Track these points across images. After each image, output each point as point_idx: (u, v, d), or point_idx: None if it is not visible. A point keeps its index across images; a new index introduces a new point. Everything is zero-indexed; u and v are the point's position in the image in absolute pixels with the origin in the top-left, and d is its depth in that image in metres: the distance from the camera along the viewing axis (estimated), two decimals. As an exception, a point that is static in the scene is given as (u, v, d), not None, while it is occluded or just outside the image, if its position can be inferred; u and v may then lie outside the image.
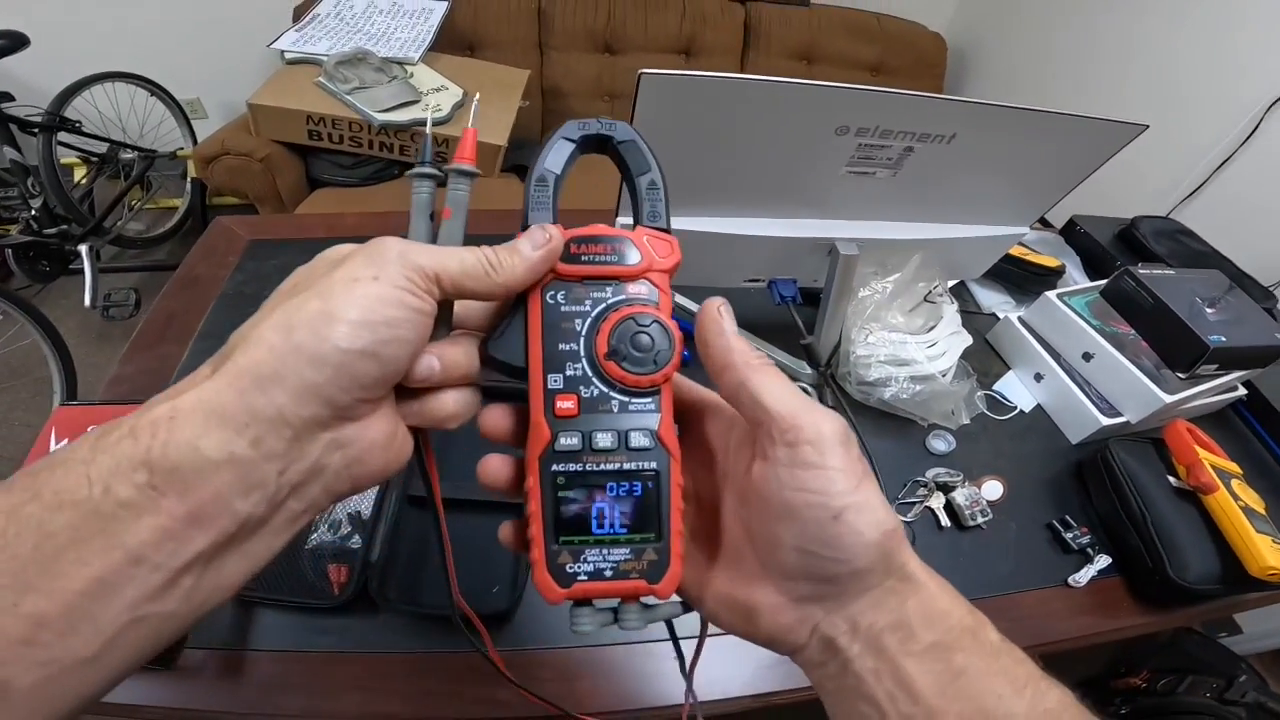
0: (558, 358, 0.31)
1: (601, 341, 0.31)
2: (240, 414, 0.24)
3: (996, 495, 0.85)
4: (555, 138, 0.34)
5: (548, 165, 0.33)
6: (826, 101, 0.63)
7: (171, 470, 0.23)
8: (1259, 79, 1.71)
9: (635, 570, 0.31)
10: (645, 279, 0.32)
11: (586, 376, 0.31)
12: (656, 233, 0.33)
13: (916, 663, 0.27)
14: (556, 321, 0.31)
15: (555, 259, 0.31)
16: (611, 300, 0.32)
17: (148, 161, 2.38)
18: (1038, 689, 0.27)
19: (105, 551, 0.22)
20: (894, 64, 2.61)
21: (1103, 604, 0.79)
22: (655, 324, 0.31)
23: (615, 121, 0.34)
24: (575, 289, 0.32)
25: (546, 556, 0.30)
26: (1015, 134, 0.72)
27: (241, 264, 1.07)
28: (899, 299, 0.87)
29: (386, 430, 0.29)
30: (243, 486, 0.24)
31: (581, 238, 0.32)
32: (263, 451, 0.25)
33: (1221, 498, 0.78)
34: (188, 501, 0.23)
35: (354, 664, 0.63)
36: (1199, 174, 1.85)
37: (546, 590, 0.30)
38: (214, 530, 0.24)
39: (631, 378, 0.31)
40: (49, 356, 1.76)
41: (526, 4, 2.33)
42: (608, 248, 0.32)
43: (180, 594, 0.24)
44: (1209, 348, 0.83)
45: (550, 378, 0.31)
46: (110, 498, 0.22)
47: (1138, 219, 1.27)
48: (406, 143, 1.96)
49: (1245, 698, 1.26)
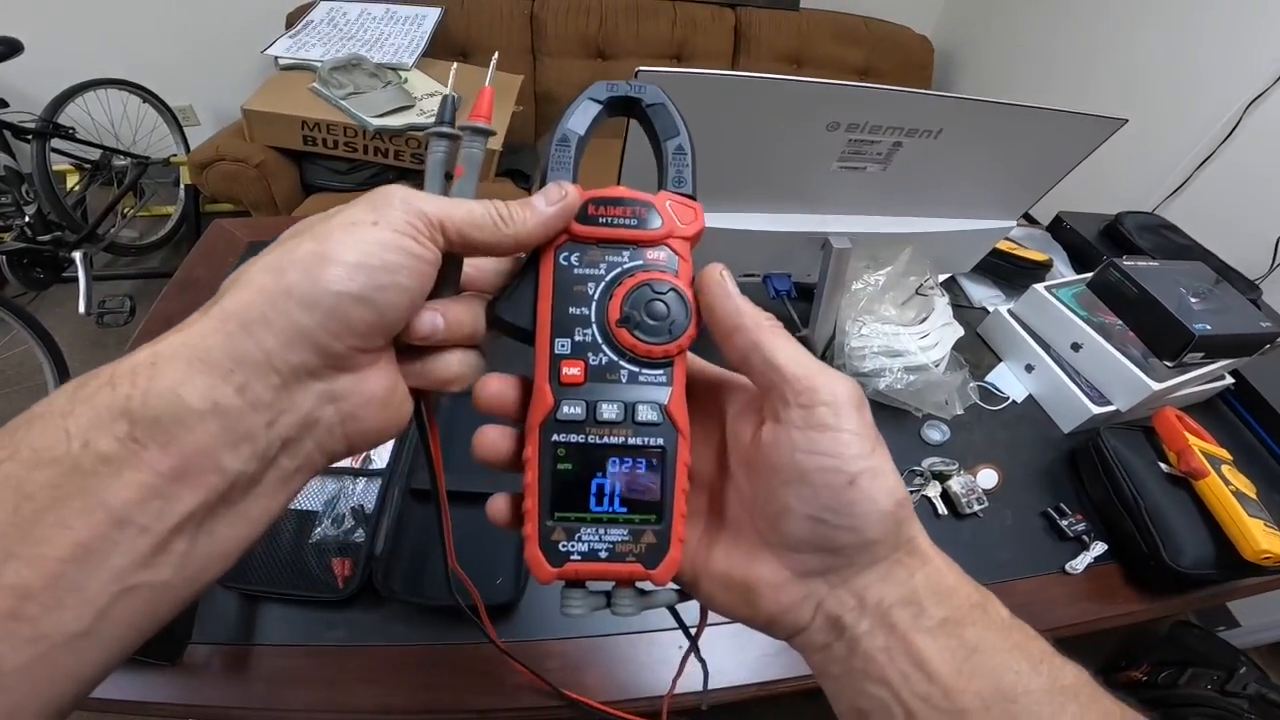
0: (567, 321, 0.29)
1: (614, 307, 0.29)
2: (225, 359, 0.23)
3: (992, 484, 0.87)
4: (581, 99, 0.32)
5: (571, 125, 0.32)
6: (817, 97, 0.65)
7: (153, 420, 0.21)
8: (1238, 77, 1.74)
9: (632, 553, 0.29)
10: (665, 245, 0.30)
11: (596, 343, 0.29)
12: (681, 198, 0.31)
13: (930, 639, 0.26)
14: (568, 284, 0.30)
15: (569, 217, 0.30)
16: (628, 265, 0.30)
17: (141, 168, 2.38)
18: (1053, 665, 0.27)
19: (86, 512, 0.20)
20: (882, 66, 2.64)
21: (1101, 590, 0.80)
22: (672, 292, 0.29)
23: (645, 84, 0.33)
24: (590, 251, 0.30)
25: (540, 532, 0.29)
26: (999, 129, 0.73)
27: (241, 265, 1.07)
28: (891, 291, 0.89)
29: (385, 385, 0.28)
30: (230, 438, 0.23)
31: (601, 199, 0.30)
32: (249, 400, 0.23)
33: (1212, 482, 0.79)
34: (171, 454, 0.21)
35: (361, 657, 0.64)
36: (1182, 171, 1.89)
37: (537, 567, 0.29)
38: (202, 488, 0.22)
39: (643, 347, 0.29)
40: (44, 364, 1.75)
41: (519, 10, 2.35)
42: (627, 210, 0.30)
43: (173, 561, 0.22)
44: (1194, 336, 0.85)
45: (557, 342, 0.29)
46: (89, 452, 0.20)
47: (1122, 214, 1.29)
48: (401, 148, 1.96)
49: (1246, 689, 1.27)
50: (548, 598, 0.70)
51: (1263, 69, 1.68)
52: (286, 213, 1.98)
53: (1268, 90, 1.68)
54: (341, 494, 0.72)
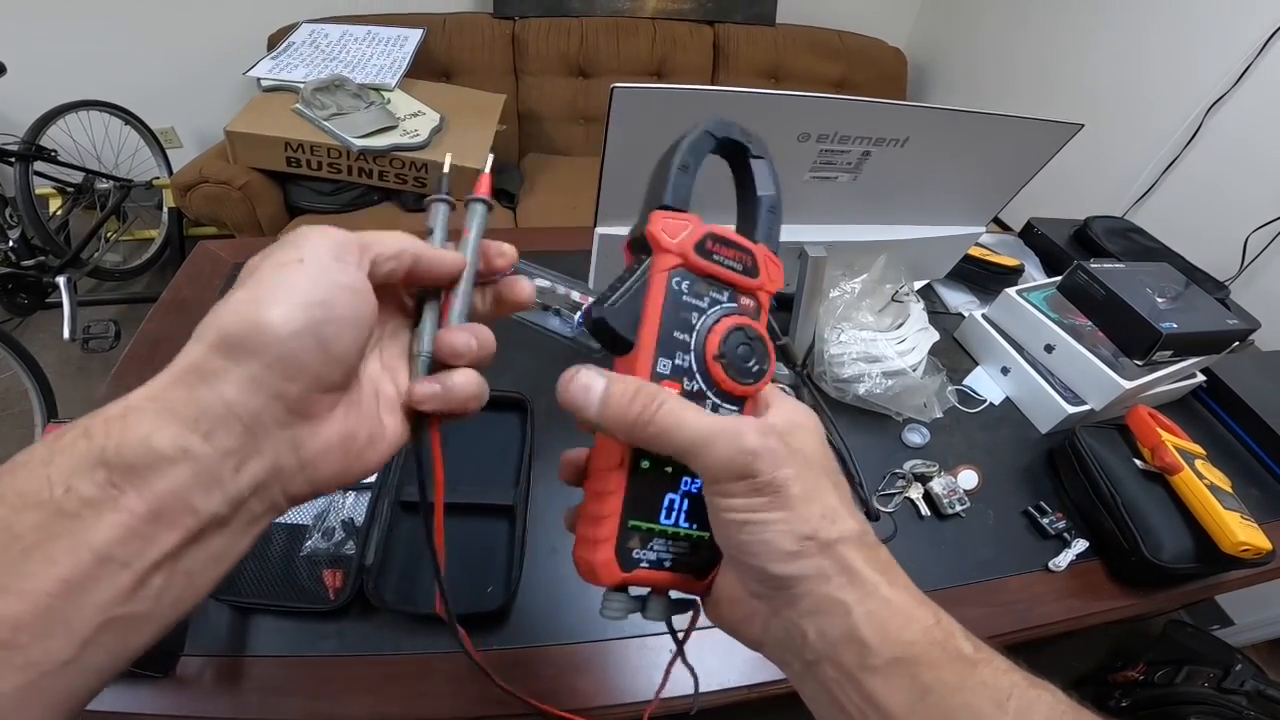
0: (671, 344, 0.31)
1: (713, 342, 0.31)
2: (189, 409, 0.24)
3: (973, 484, 0.88)
4: (699, 131, 0.34)
5: (689, 154, 0.33)
6: (786, 109, 0.67)
7: (129, 467, 0.23)
8: (1196, 83, 1.80)
9: (688, 565, 0.32)
10: (756, 294, 0.33)
11: (692, 370, 0.31)
12: (771, 256, 0.34)
13: (880, 680, 0.26)
14: (676, 309, 0.31)
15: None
16: (727, 305, 0.32)
17: (124, 191, 2.38)
18: (1024, 699, 0.26)
19: (72, 551, 0.21)
20: (857, 79, 2.69)
21: (1085, 587, 0.81)
22: (759, 340, 0.32)
23: (755, 135, 0.35)
24: (699, 284, 0.32)
25: (618, 537, 0.30)
26: (962, 136, 0.76)
27: (227, 287, 1.08)
28: (868, 298, 0.91)
29: (343, 432, 0.29)
30: (201, 482, 0.24)
31: (718, 237, 0.32)
32: (216, 447, 0.24)
33: (1187, 477, 0.81)
34: (147, 498, 0.23)
35: (353, 667, 0.64)
36: (1148, 176, 1.94)
37: (607, 569, 0.30)
38: (178, 529, 0.24)
39: (730, 383, 0.32)
40: (30, 389, 1.74)
41: (500, 30, 2.38)
42: (737, 255, 0.32)
43: (151, 595, 0.23)
44: (1162, 334, 0.88)
45: (660, 360, 0.31)
46: (73, 496, 0.22)
47: (1090, 219, 1.32)
48: (385, 168, 1.97)
49: (1244, 686, 1.28)
50: (539, 605, 0.71)
51: (1220, 75, 1.74)
52: (272, 235, 1.98)
53: (1225, 95, 1.74)
54: (331, 507, 0.73)
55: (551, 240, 1.24)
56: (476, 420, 0.37)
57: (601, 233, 0.78)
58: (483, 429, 0.84)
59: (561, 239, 1.23)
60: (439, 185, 0.36)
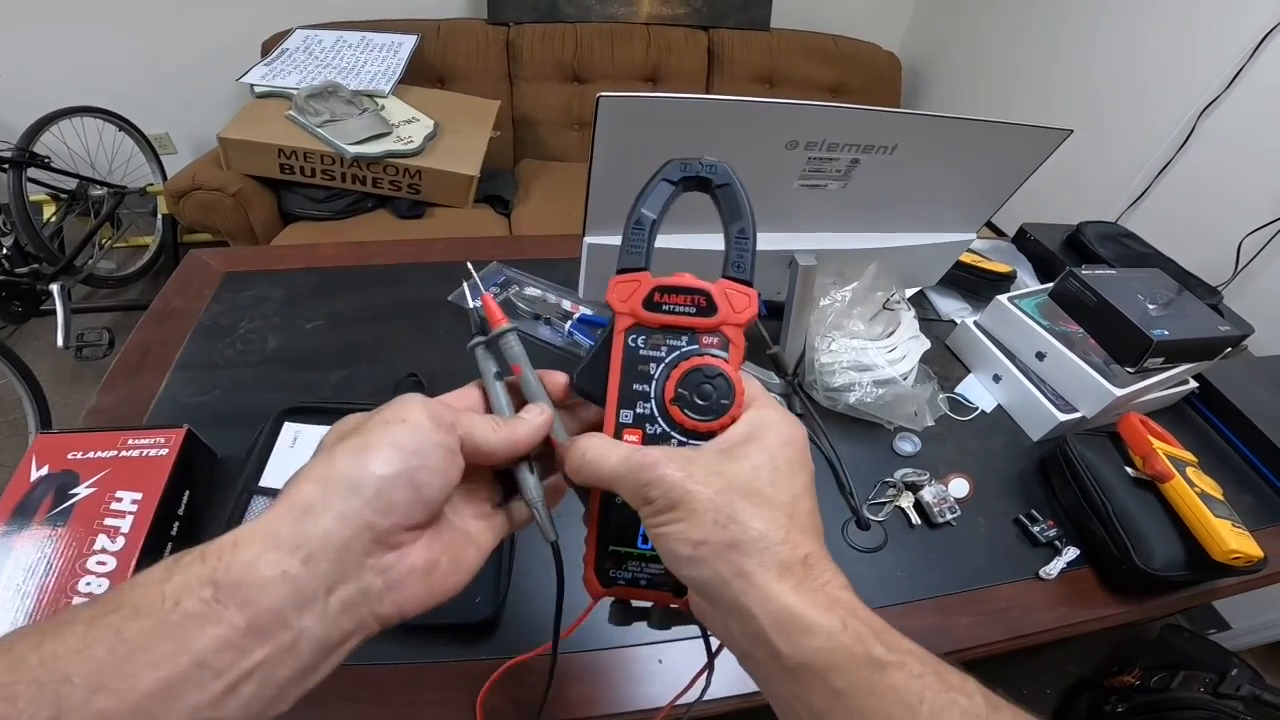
0: (631, 396, 0.35)
1: (670, 387, 0.34)
2: (292, 538, 0.28)
3: (963, 493, 0.88)
4: (657, 180, 0.37)
5: (645, 209, 0.36)
6: (773, 117, 0.67)
7: (234, 586, 0.26)
8: (1189, 86, 1.80)
9: (666, 584, 0.35)
10: (719, 331, 0.35)
11: (653, 416, 0.35)
12: (738, 286, 0.35)
13: (796, 682, 0.28)
14: (634, 363, 0.35)
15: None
16: (684, 350, 0.35)
17: (118, 198, 2.38)
18: (936, 703, 0.27)
19: (172, 656, 0.24)
20: (852, 84, 2.69)
21: (1076, 595, 0.81)
22: (720, 377, 0.34)
23: (717, 163, 0.36)
24: (654, 335, 0.35)
25: (595, 559, 0.36)
26: (950, 142, 0.76)
27: (217, 296, 1.08)
28: (858, 307, 0.91)
29: (427, 559, 0.33)
30: (296, 601, 0.27)
31: (666, 287, 0.35)
32: (312, 570, 0.28)
33: (1178, 485, 0.80)
34: (247, 613, 0.26)
35: (343, 676, 0.62)
36: (1141, 180, 1.94)
37: (590, 585, 0.36)
38: (271, 642, 0.26)
39: (691, 423, 0.34)
40: (24, 397, 1.74)
41: (495, 36, 2.38)
42: (688, 299, 0.35)
43: (239, 703, 0.26)
44: (1153, 341, 0.88)
45: (622, 412, 0.35)
46: (180, 610, 0.25)
47: (1083, 224, 1.32)
48: (379, 175, 1.97)
49: (1240, 691, 1.27)
50: (528, 616, 0.70)
51: (1212, 77, 1.74)
52: (265, 242, 1.98)
53: (1218, 98, 1.74)
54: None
55: (545, 248, 1.24)
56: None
57: (590, 242, 0.78)
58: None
59: (555, 246, 1.23)
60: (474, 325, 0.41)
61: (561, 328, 1.04)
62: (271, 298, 1.08)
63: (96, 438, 0.69)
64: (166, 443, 0.70)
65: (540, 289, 1.12)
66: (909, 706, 0.26)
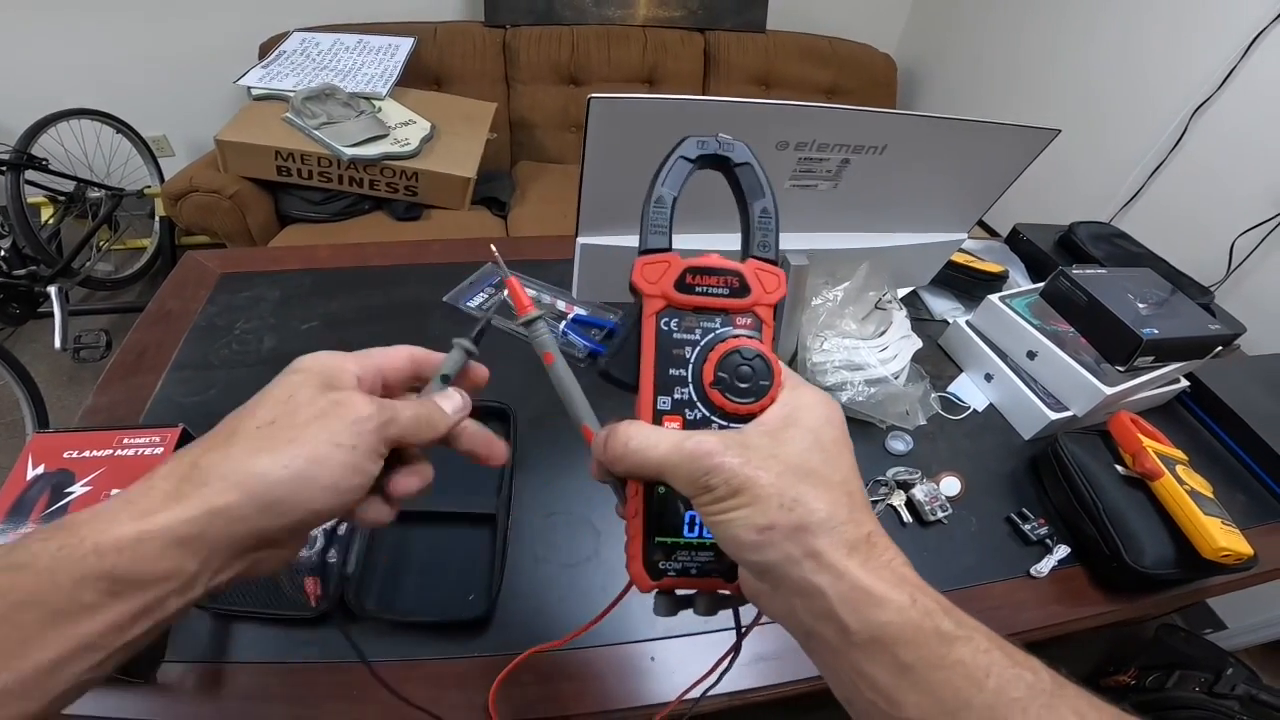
0: (668, 381, 0.34)
1: (708, 371, 0.33)
2: (201, 545, 0.29)
3: (955, 491, 0.88)
4: (674, 157, 0.35)
5: (665, 187, 0.35)
6: (763, 118, 0.67)
7: (130, 580, 0.27)
8: (1181, 86, 1.81)
9: (716, 570, 0.34)
10: (752, 311, 0.35)
11: (692, 401, 0.34)
12: (766, 265, 0.35)
13: (863, 656, 0.28)
14: (668, 348, 0.34)
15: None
16: (720, 332, 0.34)
17: (115, 200, 2.38)
18: (1003, 677, 0.27)
19: (62, 640, 0.26)
20: (848, 85, 2.70)
21: (1067, 593, 0.81)
22: (758, 358, 0.33)
23: (735, 141, 0.36)
24: (687, 318, 0.34)
25: (644, 553, 0.34)
26: (939, 143, 0.76)
27: (214, 297, 1.08)
28: (850, 306, 0.91)
29: (297, 545, 0.35)
30: (181, 590, 0.29)
31: (697, 268, 0.34)
32: (205, 566, 0.29)
33: (1167, 483, 0.81)
34: (136, 603, 0.28)
35: (334, 673, 0.64)
36: (1135, 180, 1.94)
37: (639, 580, 0.35)
38: (151, 620, 0.28)
39: (732, 406, 0.33)
40: (21, 399, 1.74)
41: (491, 39, 2.39)
42: (719, 280, 0.34)
43: (114, 662, 0.28)
44: (1143, 340, 0.88)
45: (660, 399, 0.34)
46: (74, 602, 0.26)
47: (1075, 224, 1.33)
48: (376, 177, 1.98)
49: (1235, 690, 1.27)
50: (521, 612, 0.71)
51: (1204, 78, 1.75)
52: (262, 244, 1.98)
53: (1210, 98, 1.75)
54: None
55: (541, 249, 1.24)
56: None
57: (583, 243, 0.78)
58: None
59: (551, 247, 1.24)
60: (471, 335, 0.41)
61: (556, 328, 1.04)
62: (268, 299, 1.08)
63: (92, 437, 0.70)
64: (162, 442, 0.70)
65: (535, 289, 1.12)
66: (975, 680, 0.27)
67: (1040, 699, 0.27)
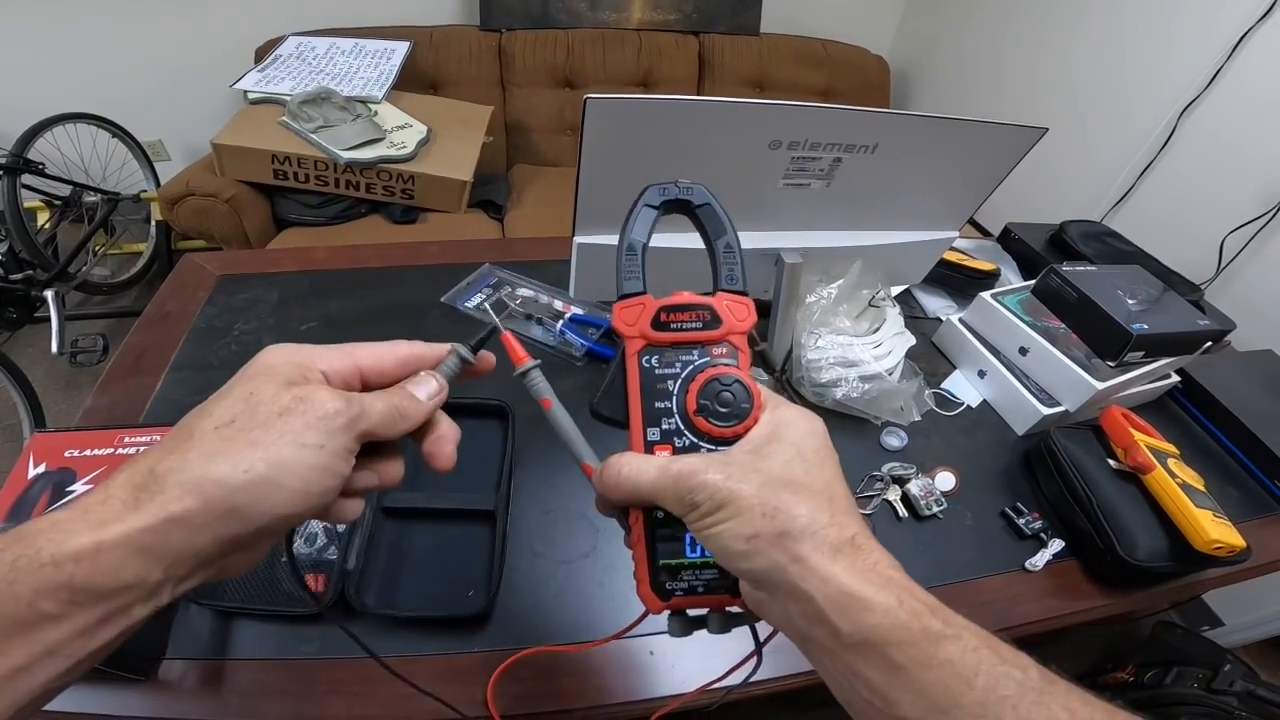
0: (654, 414, 0.36)
1: (691, 400, 0.36)
2: (163, 554, 0.28)
3: (949, 486, 0.89)
4: (639, 206, 0.38)
5: (635, 235, 0.38)
6: (756, 118, 0.68)
7: (92, 591, 0.27)
8: (1169, 86, 1.83)
9: (721, 586, 0.36)
10: (727, 341, 0.37)
11: (680, 429, 0.36)
12: (734, 296, 0.37)
13: (855, 656, 0.29)
14: (652, 383, 0.36)
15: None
16: (698, 363, 0.37)
17: (111, 204, 2.37)
18: (991, 675, 0.28)
19: (25, 647, 0.26)
20: (841, 87, 2.72)
21: (1062, 586, 0.82)
22: (737, 383, 0.35)
23: (693, 185, 0.39)
24: (666, 353, 0.37)
25: (650, 576, 0.36)
26: (929, 141, 0.77)
27: (212, 298, 1.09)
28: (844, 304, 0.92)
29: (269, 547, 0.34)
30: (146, 597, 0.28)
31: (670, 306, 0.37)
32: (170, 574, 0.28)
33: (1159, 476, 0.82)
34: (99, 611, 0.27)
35: (335, 669, 0.65)
36: (1125, 179, 1.96)
37: (649, 603, 0.36)
38: (117, 627, 0.28)
39: (717, 430, 0.35)
40: (18, 403, 1.74)
41: (487, 42, 2.40)
42: (692, 315, 0.37)
43: (81, 668, 0.28)
44: (1132, 335, 0.89)
45: (649, 431, 0.36)
46: (35, 611, 0.26)
47: (1066, 223, 1.34)
48: (372, 180, 1.98)
49: (1233, 686, 1.27)
50: (520, 609, 0.71)
51: (1192, 77, 1.76)
52: (259, 248, 1.98)
53: (1199, 96, 1.76)
54: (313, 515, 0.74)
55: (537, 250, 1.25)
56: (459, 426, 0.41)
57: (580, 242, 0.79)
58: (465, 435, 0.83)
59: (547, 249, 1.25)
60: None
61: (554, 327, 1.05)
62: (266, 300, 1.09)
63: (93, 436, 0.70)
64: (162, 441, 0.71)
65: (532, 290, 1.13)
66: (965, 679, 0.28)
67: (1030, 695, 0.27)
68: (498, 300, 1.10)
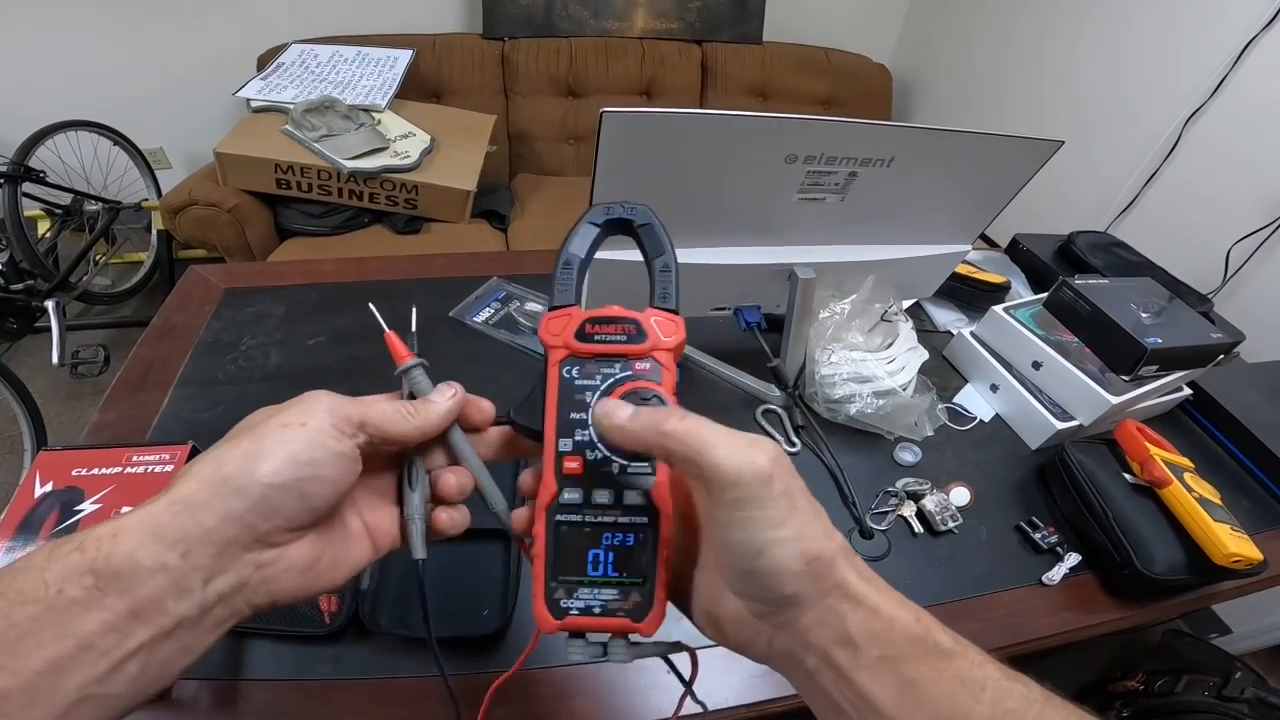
0: (569, 425, 0.35)
1: None
2: (172, 532, 0.29)
3: (964, 501, 0.89)
4: (581, 223, 0.39)
5: (573, 250, 0.38)
6: (774, 131, 0.68)
7: (114, 575, 0.28)
8: (1174, 95, 1.83)
9: (622, 609, 0.34)
10: (651, 356, 0.36)
11: (592, 442, 0.35)
12: (665, 314, 0.37)
13: (869, 676, 0.29)
14: (570, 393, 0.36)
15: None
16: (618, 375, 0.36)
17: (112, 213, 2.36)
18: (998, 689, 0.28)
19: (59, 639, 0.26)
20: (843, 96, 2.72)
21: (1079, 600, 0.81)
22: (655, 398, 0.35)
23: (636, 205, 0.39)
24: (588, 364, 0.36)
25: (545, 591, 0.34)
26: (946, 154, 0.77)
27: (218, 312, 1.08)
28: (857, 319, 0.92)
29: (305, 557, 0.34)
30: (175, 591, 0.29)
31: (596, 318, 0.36)
32: (191, 563, 0.29)
33: (1176, 490, 0.81)
34: (127, 600, 0.28)
35: (350, 690, 0.64)
36: (1130, 189, 1.96)
37: (542, 620, 0.34)
38: (152, 626, 0.28)
39: None
40: (19, 415, 1.73)
41: (490, 51, 2.40)
42: (617, 328, 0.36)
43: (125, 679, 0.28)
44: (1147, 349, 0.88)
45: (561, 441, 0.35)
46: (63, 597, 0.27)
47: (1074, 234, 1.34)
48: (376, 190, 1.97)
49: (1244, 694, 1.27)
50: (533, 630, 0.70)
51: (1196, 86, 1.77)
52: (261, 258, 1.98)
53: (1203, 106, 1.76)
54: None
55: (545, 263, 1.24)
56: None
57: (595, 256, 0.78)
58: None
59: (552, 260, 1.24)
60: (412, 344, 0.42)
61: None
62: (273, 314, 1.08)
63: (100, 454, 0.69)
64: (171, 459, 0.70)
65: (540, 304, 1.12)
66: (973, 693, 0.28)
67: (1034, 708, 0.28)
68: (506, 315, 1.09)
